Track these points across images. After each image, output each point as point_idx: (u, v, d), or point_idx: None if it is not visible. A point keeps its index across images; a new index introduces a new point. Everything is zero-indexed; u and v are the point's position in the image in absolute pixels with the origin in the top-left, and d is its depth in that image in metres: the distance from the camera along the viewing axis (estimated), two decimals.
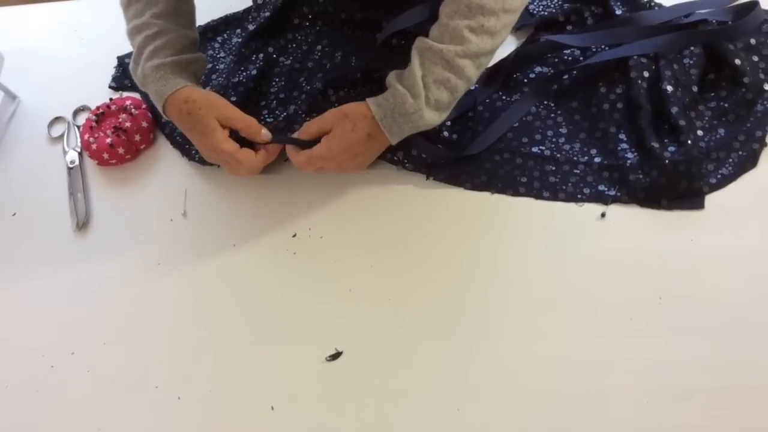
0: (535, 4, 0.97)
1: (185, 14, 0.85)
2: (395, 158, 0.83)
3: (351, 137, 0.75)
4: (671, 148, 0.77)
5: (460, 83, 0.74)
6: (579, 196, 0.78)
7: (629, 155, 0.79)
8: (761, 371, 0.66)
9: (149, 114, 0.93)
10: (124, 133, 0.89)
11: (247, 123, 0.77)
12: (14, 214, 0.89)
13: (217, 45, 1.01)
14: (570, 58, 0.90)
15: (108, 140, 0.88)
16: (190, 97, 0.76)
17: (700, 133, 0.80)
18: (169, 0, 0.82)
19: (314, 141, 0.78)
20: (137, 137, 0.90)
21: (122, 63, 1.01)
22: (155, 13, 0.81)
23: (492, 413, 0.66)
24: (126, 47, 1.01)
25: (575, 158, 0.81)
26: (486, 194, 0.81)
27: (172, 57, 0.79)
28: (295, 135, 0.79)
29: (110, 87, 1.00)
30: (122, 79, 1.00)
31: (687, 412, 0.64)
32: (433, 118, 0.75)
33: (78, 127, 0.96)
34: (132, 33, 0.82)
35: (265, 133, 0.78)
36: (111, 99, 0.94)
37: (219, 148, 0.76)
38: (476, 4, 0.71)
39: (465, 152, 0.82)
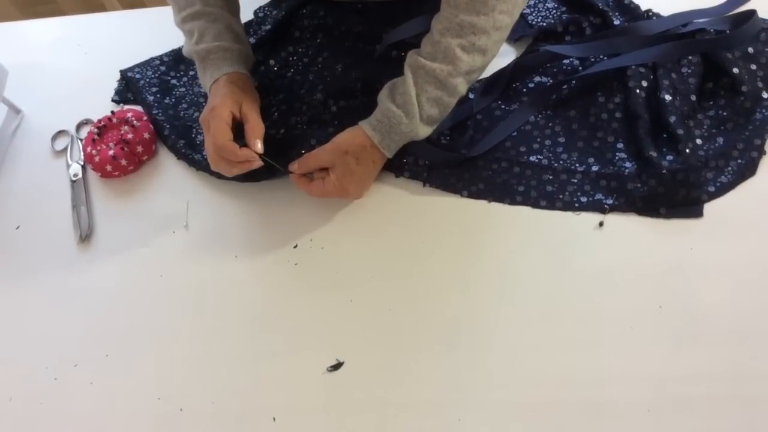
0: (534, 15, 0.98)
1: (233, 2, 0.89)
2: (394, 164, 0.83)
3: (359, 171, 0.77)
4: (669, 157, 0.77)
5: (451, 100, 0.77)
6: (576, 205, 0.79)
7: (627, 164, 0.80)
8: (761, 379, 0.65)
9: (151, 125, 0.94)
10: (126, 144, 0.90)
11: (255, 123, 0.78)
12: (18, 227, 0.89)
13: None
14: (569, 68, 0.90)
15: (111, 152, 0.89)
16: (242, 80, 0.82)
17: (698, 141, 0.80)
18: None
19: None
20: (139, 149, 0.91)
21: (125, 76, 1.02)
22: (207, 2, 0.84)
23: (493, 423, 0.66)
24: (128, 62, 1.03)
25: (573, 167, 0.81)
26: (483, 203, 0.81)
27: (238, 45, 0.84)
28: (294, 167, 0.79)
29: (113, 101, 1.00)
30: (125, 92, 1.01)
31: (688, 421, 0.64)
32: (425, 131, 0.79)
33: (81, 140, 0.96)
34: (186, 20, 0.85)
35: (259, 144, 0.78)
36: (112, 112, 0.95)
37: (215, 107, 0.77)
38: (468, 22, 0.72)
39: (462, 155, 0.82)
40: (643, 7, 0.94)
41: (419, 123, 0.77)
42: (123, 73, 1.03)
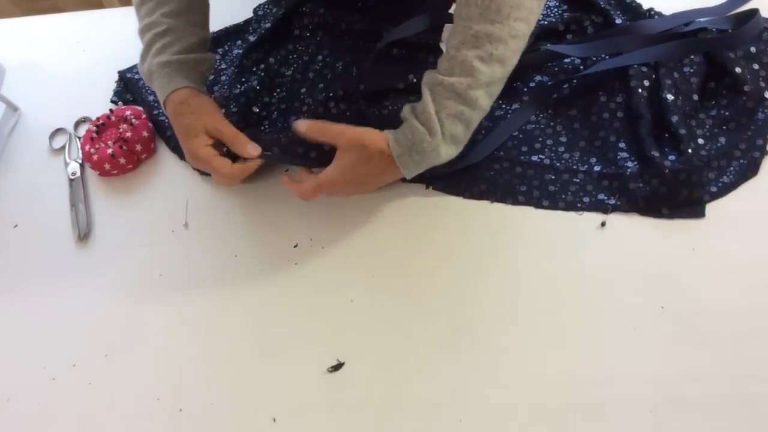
0: None
1: (197, 12, 0.86)
2: None
3: (364, 169, 0.75)
4: (671, 157, 0.77)
5: (474, 115, 0.73)
6: (578, 205, 0.78)
7: (629, 164, 0.79)
8: (764, 379, 0.65)
9: (149, 124, 0.93)
10: (125, 143, 0.89)
11: (233, 136, 0.78)
12: (16, 226, 0.89)
13: (218, 56, 1.02)
14: (570, 67, 0.90)
15: (109, 151, 0.89)
16: (186, 100, 0.79)
17: (700, 141, 0.80)
18: (181, 0, 0.84)
19: (310, 161, 0.79)
20: (138, 147, 0.91)
21: (123, 77, 1.02)
22: (165, 12, 0.82)
23: (494, 423, 0.66)
24: (127, 60, 1.03)
25: (575, 167, 0.81)
26: (485, 203, 0.81)
27: (178, 55, 0.81)
28: (304, 126, 0.77)
29: (112, 101, 1.00)
30: (123, 93, 1.00)
31: (690, 422, 0.64)
32: (449, 152, 0.74)
33: (79, 138, 0.96)
34: (142, 31, 0.84)
35: (251, 148, 0.78)
36: (111, 110, 0.94)
37: (196, 153, 0.78)
38: (483, 33, 0.69)
39: (464, 163, 0.82)
40: (645, 6, 0.94)
41: (441, 141, 0.73)
42: (121, 74, 1.02)
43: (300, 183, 0.77)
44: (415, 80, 0.86)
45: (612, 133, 0.83)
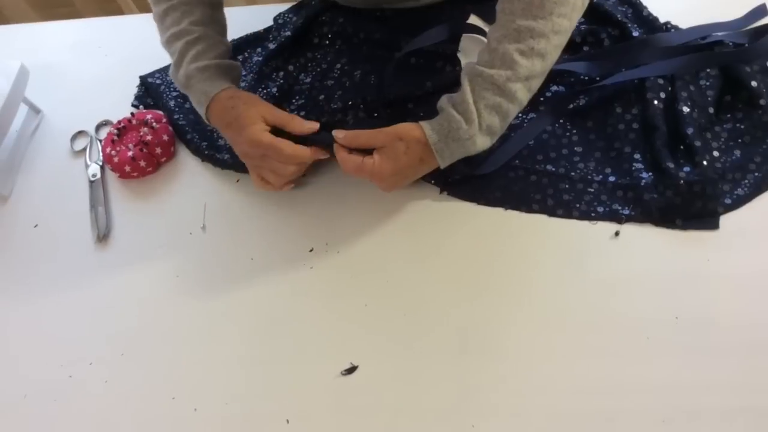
0: None
1: (219, 24, 0.88)
2: None
3: (403, 160, 0.75)
4: (686, 169, 0.77)
5: (511, 107, 0.74)
6: (593, 214, 0.79)
7: (644, 175, 0.79)
8: None
9: (170, 128, 0.95)
10: (145, 146, 0.91)
11: (289, 117, 0.79)
12: (36, 226, 0.90)
13: None
14: (586, 78, 0.90)
15: (130, 153, 0.90)
16: (235, 94, 0.81)
17: (716, 154, 0.80)
18: (205, 10, 0.85)
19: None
20: (158, 150, 0.92)
21: (144, 82, 1.03)
22: (193, 21, 0.84)
23: (506, 430, 0.66)
24: (148, 65, 1.04)
25: (589, 177, 0.81)
26: (499, 210, 0.81)
27: (216, 60, 0.83)
28: (340, 135, 0.78)
29: (133, 105, 1.01)
30: (144, 98, 1.02)
31: None
32: (484, 142, 0.76)
33: (100, 141, 0.97)
34: (171, 40, 0.84)
35: (310, 125, 0.79)
36: (132, 113, 0.96)
37: (259, 138, 0.77)
38: (525, 27, 0.70)
39: (480, 170, 0.82)
40: (662, 20, 0.95)
41: (478, 131, 0.74)
42: (143, 79, 1.04)
43: (347, 152, 0.78)
44: (432, 89, 0.87)
45: (627, 144, 0.83)
